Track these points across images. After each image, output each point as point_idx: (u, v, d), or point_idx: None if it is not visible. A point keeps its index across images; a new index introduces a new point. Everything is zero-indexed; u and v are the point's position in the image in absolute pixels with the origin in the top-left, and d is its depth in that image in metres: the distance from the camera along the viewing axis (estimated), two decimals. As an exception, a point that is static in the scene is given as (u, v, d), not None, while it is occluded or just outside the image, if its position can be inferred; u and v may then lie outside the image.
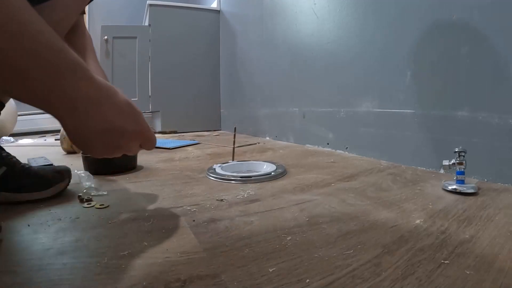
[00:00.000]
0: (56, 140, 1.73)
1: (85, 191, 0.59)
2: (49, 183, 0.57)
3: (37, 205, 0.53)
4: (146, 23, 2.13)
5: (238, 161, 0.91)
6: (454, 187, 0.58)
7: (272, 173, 0.75)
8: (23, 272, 0.32)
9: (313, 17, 1.22)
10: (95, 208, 0.52)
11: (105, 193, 0.60)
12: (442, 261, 0.33)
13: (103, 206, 0.53)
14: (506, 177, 0.63)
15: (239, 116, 1.97)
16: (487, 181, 0.66)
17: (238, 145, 1.30)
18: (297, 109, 1.37)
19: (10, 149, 0.61)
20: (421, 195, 0.58)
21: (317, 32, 1.21)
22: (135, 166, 0.87)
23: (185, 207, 0.53)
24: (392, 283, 0.29)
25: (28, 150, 1.35)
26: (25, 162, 0.60)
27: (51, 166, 0.72)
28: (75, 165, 0.84)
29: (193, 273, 0.31)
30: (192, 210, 0.51)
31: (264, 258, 0.34)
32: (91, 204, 0.54)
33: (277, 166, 0.81)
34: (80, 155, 0.86)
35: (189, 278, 0.30)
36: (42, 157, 1.04)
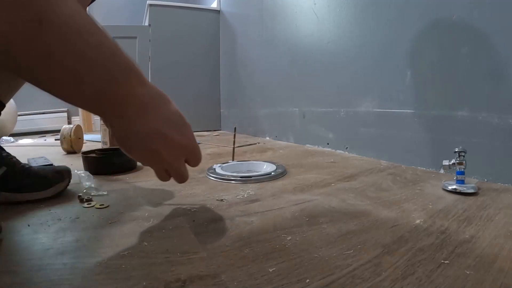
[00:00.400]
0: (56, 140, 1.73)
1: (85, 191, 0.59)
2: (49, 183, 0.57)
3: (37, 205, 0.53)
4: (146, 23, 2.13)
5: (238, 161, 0.91)
6: (454, 187, 0.58)
7: (272, 173, 0.75)
8: (23, 272, 0.32)
9: (313, 17, 1.22)
10: (95, 208, 0.52)
11: (105, 193, 0.60)
12: (442, 261, 0.33)
13: (103, 206, 0.53)
14: (506, 177, 0.63)
15: (239, 116, 1.97)
16: (487, 181, 0.66)
17: (238, 145, 1.30)
18: (297, 109, 1.37)
19: (10, 149, 0.61)
20: (421, 195, 0.58)
21: (317, 32, 1.21)
22: (135, 166, 0.87)
23: (185, 207, 0.53)
24: (392, 283, 0.29)
25: (28, 150, 1.35)
26: (25, 162, 0.60)
27: (51, 166, 0.72)
28: (75, 165, 0.84)
29: (193, 273, 0.31)
30: (192, 210, 0.51)
31: (264, 258, 0.34)
32: (91, 204, 0.54)
33: (277, 166, 0.81)
34: (80, 155, 0.87)
35: (189, 278, 0.30)
36: (42, 157, 1.04)
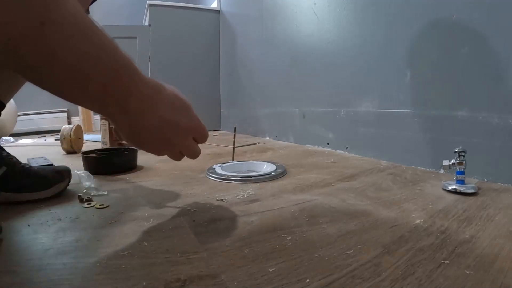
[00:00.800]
0: (56, 140, 1.73)
1: (85, 191, 0.59)
2: (49, 183, 0.57)
3: (37, 205, 0.53)
4: (146, 23, 2.13)
5: (238, 161, 0.91)
6: (454, 187, 0.58)
7: (272, 173, 0.75)
8: (23, 272, 0.32)
9: (313, 17, 1.22)
10: (95, 208, 0.52)
11: (105, 193, 0.60)
12: (442, 261, 0.33)
13: (103, 206, 0.53)
14: (506, 177, 0.63)
15: (239, 116, 1.97)
16: (487, 181, 0.66)
17: (238, 145, 1.30)
18: (297, 109, 1.37)
19: (10, 149, 0.61)
20: (421, 195, 0.58)
21: (317, 32, 1.21)
22: (135, 166, 0.87)
23: (185, 207, 0.53)
24: (392, 283, 0.29)
25: (28, 150, 1.35)
26: (25, 162, 0.60)
27: (51, 166, 0.72)
28: (75, 165, 0.84)
29: (193, 273, 0.31)
30: (192, 210, 0.51)
31: (264, 258, 0.34)
32: (91, 204, 0.54)
33: (277, 166, 0.81)
34: (80, 155, 0.87)
35: (189, 278, 0.30)
36: (42, 157, 1.04)
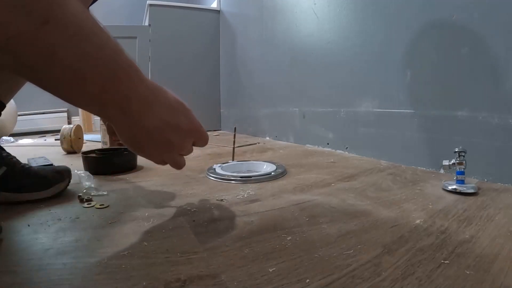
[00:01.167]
0: (56, 140, 1.73)
1: (85, 191, 0.59)
2: (49, 183, 0.57)
3: (37, 205, 0.53)
4: (146, 23, 2.13)
5: (238, 161, 0.91)
6: (454, 187, 0.58)
7: (272, 173, 0.75)
8: (23, 272, 0.32)
9: (313, 17, 1.22)
10: (95, 208, 0.52)
11: (105, 193, 0.60)
12: (442, 261, 0.33)
13: (103, 206, 0.53)
14: (506, 177, 0.63)
15: (239, 116, 1.97)
16: (487, 181, 0.66)
17: (238, 145, 1.30)
18: (297, 109, 1.37)
19: (10, 149, 0.61)
20: (421, 195, 0.58)
21: (317, 32, 1.21)
22: (135, 166, 0.87)
23: (185, 207, 0.53)
24: (392, 283, 0.29)
25: (28, 150, 1.35)
26: (25, 162, 0.60)
27: (51, 166, 0.72)
28: (75, 165, 0.84)
29: (193, 273, 0.31)
30: (192, 210, 0.51)
31: (264, 258, 0.34)
32: (91, 204, 0.54)
33: (277, 166, 0.81)
34: (80, 155, 0.87)
35: (189, 278, 0.30)
36: (42, 157, 1.04)
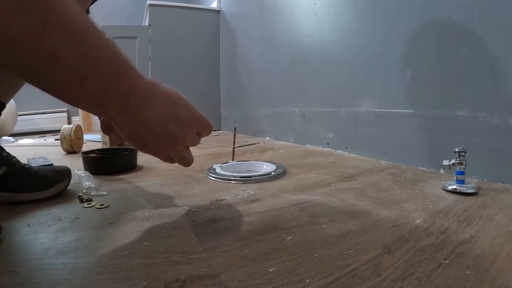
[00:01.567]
0: (56, 140, 1.73)
1: (85, 191, 0.59)
2: (49, 183, 0.57)
3: (37, 205, 0.53)
4: (146, 23, 2.13)
5: (238, 161, 0.91)
6: (454, 187, 0.58)
7: (272, 173, 0.75)
8: (23, 272, 0.32)
9: (313, 17, 1.22)
10: (95, 208, 0.52)
11: (105, 193, 0.60)
12: (442, 261, 0.33)
13: (103, 206, 0.53)
14: (506, 177, 0.63)
15: (239, 116, 1.97)
16: (487, 181, 0.66)
17: (238, 145, 1.30)
18: (297, 109, 1.37)
19: (10, 149, 0.61)
20: (421, 195, 0.58)
21: (317, 32, 1.21)
22: (135, 166, 0.87)
23: (185, 207, 0.53)
24: (392, 283, 0.29)
25: (28, 150, 1.35)
26: (25, 162, 0.60)
27: (51, 166, 0.72)
28: (75, 165, 0.84)
29: (193, 273, 0.31)
30: (192, 210, 0.51)
31: (264, 258, 0.34)
32: (91, 204, 0.54)
33: (277, 166, 0.81)
34: (80, 155, 0.87)
35: (189, 278, 0.30)
36: (42, 157, 1.04)
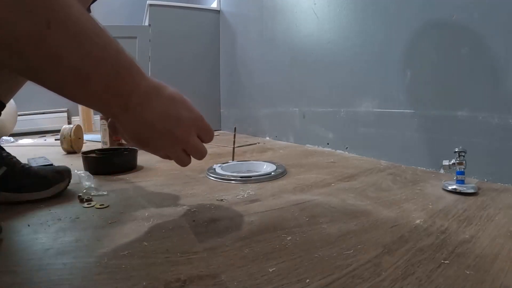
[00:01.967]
0: (56, 140, 1.73)
1: (85, 191, 0.59)
2: (49, 183, 0.57)
3: (37, 205, 0.53)
4: (146, 23, 2.13)
5: (238, 161, 0.91)
6: (454, 187, 0.58)
7: (272, 173, 0.75)
8: (23, 272, 0.32)
9: (313, 17, 1.22)
10: (95, 208, 0.52)
11: (105, 193, 0.60)
12: (442, 261, 0.33)
13: (103, 206, 0.53)
14: (506, 177, 0.63)
15: (239, 116, 1.97)
16: (487, 181, 0.66)
17: (238, 145, 1.30)
18: (297, 109, 1.37)
19: (10, 149, 0.61)
20: (421, 195, 0.58)
21: (317, 32, 1.21)
22: (135, 166, 0.87)
23: (185, 207, 0.53)
24: (392, 283, 0.29)
25: (28, 150, 1.35)
26: (25, 162, 0.60)
27: (51, 166, 0.72)
28: (75, 165, 0.84)
29: (193, 273, 0.31)
30: (192, 210, 0.51)
31: (264, 258, 0.34)
32: (91, 204, 0.54)
33: (277, 166, 0.81)
34: (80, 155, 0.87)
35: (189, 278, 0.30)
36: (42, 157, 1.04)
